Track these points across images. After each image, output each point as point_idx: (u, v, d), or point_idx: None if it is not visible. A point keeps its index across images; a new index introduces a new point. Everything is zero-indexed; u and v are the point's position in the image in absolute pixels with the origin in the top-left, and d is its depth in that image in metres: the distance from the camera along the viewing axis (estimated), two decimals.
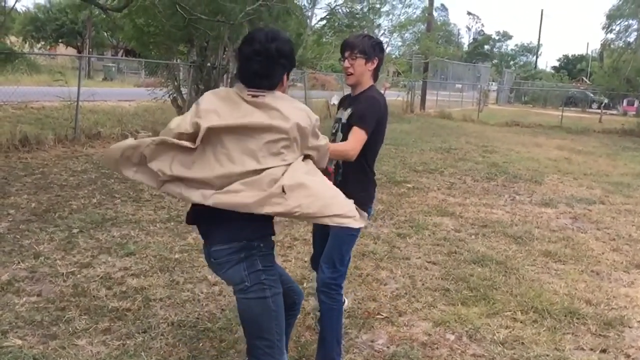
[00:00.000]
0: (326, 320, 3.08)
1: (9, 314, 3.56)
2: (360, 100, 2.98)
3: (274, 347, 2.30)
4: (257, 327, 2.29)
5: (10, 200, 6.06)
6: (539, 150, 13.95)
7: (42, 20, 42.80)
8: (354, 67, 2.96)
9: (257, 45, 2.17)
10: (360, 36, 3.08)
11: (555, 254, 5.49)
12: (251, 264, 2.23)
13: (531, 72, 54.94)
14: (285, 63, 2.24)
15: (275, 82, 2.23)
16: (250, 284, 2.24)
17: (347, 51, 2.97)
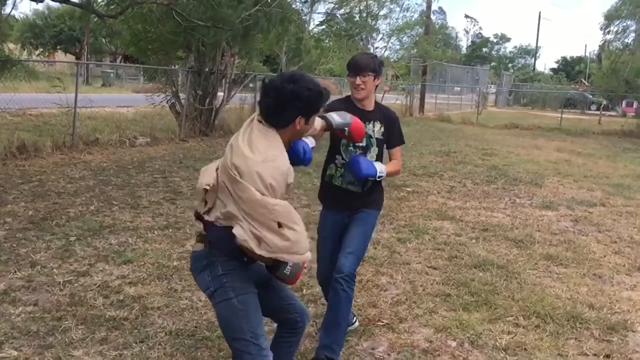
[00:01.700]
0: (344, 308, 3.22)
1: (5, 324, 3.51)
2: (388, 118, 3.39)
3: (250, 345, 2.33)
4: (229, 329, 2.38)
5: (7, 209, 6.01)
6: (539, 152, 13.92)
7: (40, 27, 42.82)
8: (366, 84, 3.24)
9: (277, 82, 2.31)
10: (368, 56, 3.37)
11: (557, 258, 5.45)
12: (213, 269, 2.35)
13: (530, 75, 55.00)
14: (299, 106, 2.31)
15: (285, 121, 2.33)
16: (214, 288, 2.35)
17: (359, 69, 3.22)
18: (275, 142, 2.31)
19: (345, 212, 3.37)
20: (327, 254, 3.41)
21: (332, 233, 3.41)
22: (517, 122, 22.31)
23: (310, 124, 2.44)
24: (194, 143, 11.79)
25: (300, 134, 2.44)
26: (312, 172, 9.00)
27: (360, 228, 3.32)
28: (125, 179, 7.87)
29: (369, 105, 3.34)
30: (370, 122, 3.30)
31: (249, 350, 2.33)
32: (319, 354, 3.18)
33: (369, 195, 3.35)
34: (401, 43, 29.18)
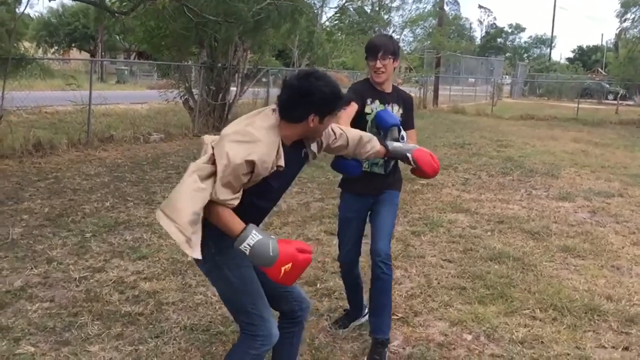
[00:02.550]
0: (387, 290, 3.28)
1: (22, 320, 3.54)
2: (405, 100, 3.40)
3: (252, 316, 2.36)
4: (230, 304, 2.43)
5: (24, 206, 6.07)
6: (555, 143, 13.77)
7: (55, 25, 43.19)
8: (386, 67, 3.21)
9: (295, 78, 2.33)
10: (385, 37, 3.37)
11: (574, 249, 5.38)
12: (206, 249, 2.25)
13: (545, 65, 54.39)
14: (312, 104, 2.29)
15: (295, 117, 2.31)
16: (209, 266, 2.37)
17: (378, 52, 3.18)
18: (270, 130, 2.29)
19: (370, 195, 3.37)
20: (352, 236, 3.45)
21: (357, 215, 3.42)
22: (532, 113, 22.08)
23: (326, 125, 2.41)
24: None
25: (315, 132, 2.41)
26: (324, 165, 8.98)
27: (389, 210, 3.35)
28: (139, 175, 7.91)
29: (388, 88, 3.35)
30: (389, 104, 3.32)
31: (252, 321, 2.37)
32: (373, 337, 3.27)
33: (392, 176, 3.38)
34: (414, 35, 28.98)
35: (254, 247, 2.18)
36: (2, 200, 6.23)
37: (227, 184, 2.19)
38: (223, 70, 12.69)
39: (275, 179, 2.35)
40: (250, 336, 2.39)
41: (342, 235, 3.50)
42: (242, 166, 2.18)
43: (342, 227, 3.49)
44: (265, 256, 2.18)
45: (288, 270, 2.19)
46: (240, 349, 2.44)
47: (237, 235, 2.20)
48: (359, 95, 3.26)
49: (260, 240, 2.18)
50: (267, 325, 2.39)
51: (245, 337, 2.41)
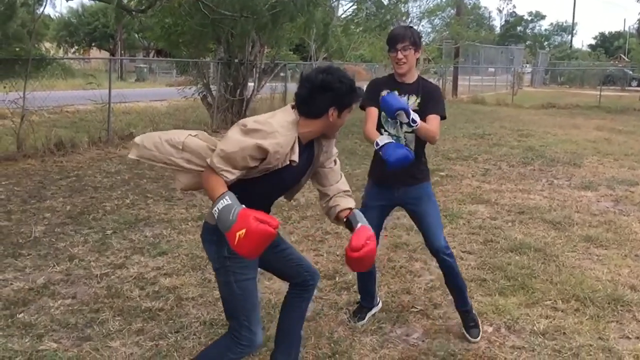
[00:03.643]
0: (457, 273, 3.46)
1: (45, 317, 3.60)
2: (426, 90, 3.27)
3: (242, 327, 2.45)
4: (226, 306, 2.51)
5: (46, 204, 6.15)
6: (577, 131, 13.56)
7: (75, 25, 43.68)
8: (407, 58, 3.18)
9: (312, 73, 2.37)
10: (406, 28, 3.31)
11: (597, 239, 5.30)
12: (219, 249, 2.39)
13: (567, 52, 53.58)
14: (330, 97, 2.33)
15: (314, 111, 2.35)
16: (218, 266, 2.45)
17: (398, 43, 3.16)
18: (286, 121, 2.34)
19: (394, 187, 3.36)
20: (372, 224, 3.36)
21: (379, 204, 3.42)
22: (554, 102, 21.78)
23: (343, 120, 2.44)
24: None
25: (334, 127, 2.44)
26: (344, 159, 8.97)
27: (428, 206, 3.38)
28: (159, 172, 7.96)
29: (410, 79, 3.29)
30: (405, 94, 3.26)
31: (240, 331, 2.45)
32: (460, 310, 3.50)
33: (415, 167, 3.26)
34: (433, 26, 28.74)
35: (220, 211, 2.19)
36: (25, 199, 6.33)
37: (228, 157, 2.22)
38: (240, 66, 12.72)
39: (288, 173, 2.38)
40: (234, 341, 2.47)
41: None
42: (251, 148, 2.21)
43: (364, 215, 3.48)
44: (226, 219, 2.17)
45: (242, 237, 2.14)
46: (220, 347, 2.53)
47: (215, 199, 2.22)
48: (374, 93, 3.27)
49: (226, 206, 2.18)
50: (253, 337, 2.47)
51: (230, 339, 2.49)
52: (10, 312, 3.65)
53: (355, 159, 8.97)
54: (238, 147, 2.22)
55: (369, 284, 3.67)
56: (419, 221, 3.41)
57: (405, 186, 3.35)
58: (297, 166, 2.38)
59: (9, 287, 4.04)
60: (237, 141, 2.23)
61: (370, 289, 3.68)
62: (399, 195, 3.38)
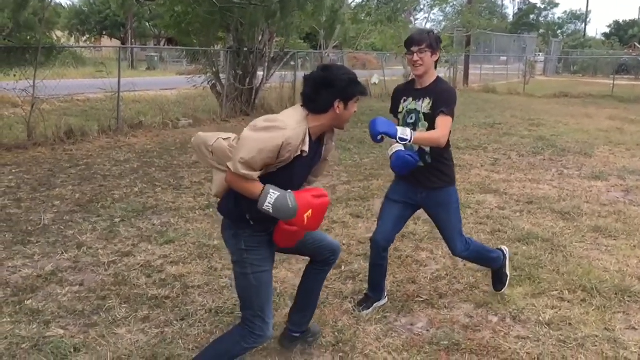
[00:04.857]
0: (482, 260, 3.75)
1: (52, 304, 3.63)
2: (438, 91, 3.29)
3: (256, 317, 2.56)
4: (242, 297, 2.62)
5: (56, 192, 6.20)
6: (589, 121, 13.43)
7: (86, 14, 43.76)
8: (423, 60, 3.26)
9: (313, 73, 2.53)
10: (423, 32, 3.38)
11: (606, 229, 5.27)
12: (237, 242, 2.56)
13: (580, 41, 52.92)
14: (333, 92, 2.47)
15: (321, 106, 2.49)
16: (235, 259, 2.58)
17: (414, 46, 3.25)
18: (296, 117, 2.47)
19: (418, 188, 3.43)
20: (391, 217, 3.51)
21: (402, 201, 3.50)
22: (566, 91, 21.56)
23: (350, 111, 2.55)
24: (235, 123, 11.87)
25: (342, 119, 2.55)
26: (352, 148, 8.96)
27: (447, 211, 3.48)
28: (168, 161, 8.00)
29: (427, 82, 3.34)
30: (419, 99, 3.33)
31: (254, 321, 2.57)
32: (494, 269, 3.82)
33: (436, 171, 3.38)
34: (445, 14, 28.50)
35: (275, 205, 2.36)
36: (35, 187, 6.38)
37: (249, 163, 2.33)
38: (250, 54, 12.69)
39: (299, 165, 2.48)
40: (248, 331, 2.57)
41: (382, 214, 3.56)
42: (268, 148, 2.33)
43: (385, 207, 3.57)
44: (287, 209, 2.36)
45: (310, 217, 2.39)
46: (234, 338, 2.62)
47: (258, 197, 2.37)
48: (393, 101, 3.48)
49: (279, 197, 2.35)
50: (266, 327, 2.58)
51: (243, 330, 2.59)
52: (19, 298, 3.69)
53: (364, 148, 8.94)
54: (256, 150, 2.33)
55: (381, 278, 3.68)
56: (438, 226, 3.58)
57: (428, 190, 3.43)
58: (307, 158, 2.48)
59: (17, 274, 4.09)
60: (254, 145, 2.33)
61: (380, 283, 3.69)
62: (422, 198, 3.47)
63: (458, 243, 3.51)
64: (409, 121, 3.34)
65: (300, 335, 3.10)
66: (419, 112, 3.32)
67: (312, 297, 3.06)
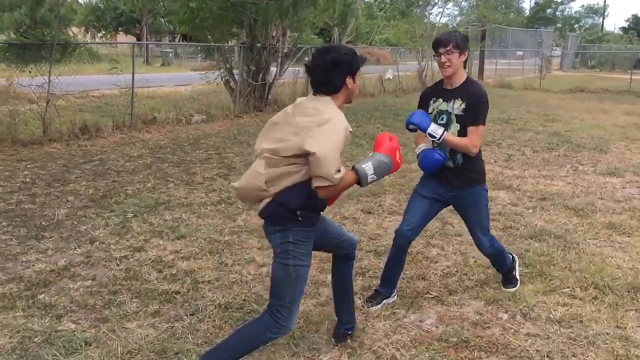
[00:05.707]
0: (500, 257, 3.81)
1: (64, 298, 3.67)
2: (470, 95, 3.32)
3: (284, 308, 2.66)
4: (276, 287, 2.69)
5: (70, 188, 6.26)
6: (605, 116, 13.28)
7: (102, 10, 44.03)
8: (451, 61, 3.29)
9: (317, 59, 2.65)
10: (450, 33, 3.40)
11: (620, 226, 5.21)
12: (285, 236, 2.64)
13: (598, 35, 52.31)
14: (343, 68, 2.63)
15: (335, 86, 2.65)
16: (280, 251, 2.66)
17: (442, 47, 3.28)
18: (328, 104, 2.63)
19: (448, 187, 3.49)
20: (419, 212, 3.55)
21: (431, 197, 3.54)
22: (583, 86, 21.34)
23: (357, 83, 2.73)
24: (248, 119, 11.90)
25: (353, 92, 2.73)
26: (364, 143, 8.94)
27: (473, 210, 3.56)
28: (180, 156, 8.04)
29: (457, 82, 3.37)
30: (450, 100, 3.36)
31: (282, 312, 2.65)
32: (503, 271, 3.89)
33: (466, 171, 3.43)
34: (460, 8, 28.31)
35: (375, 172, 2.66)
36: (50, 183, 6.45)
37: (338, 167, 2.49)
38: (263, 50, 12.69)
39: None
40: (274, 321, 2.65)
41: (410, 208, 3.59)
42: (341, 142, 2.52)
43: (413, 201, 3.60)
44: (385, 166, 2.70)
45: (399, 156, 2.76)
46: (259, 327, 2.70)
47: (357, 180, 2.63)
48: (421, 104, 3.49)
49: (373, 165, 2.66)
50: (291, 319, 2.69)
51: (269, 319, 2.66)
52: (32, 292, 3.73)
53: None
54: (337, 153, 2.49)
55: (397, 272, 3.69)
56: (467, 223, 3.67)
57: (458, 189, 3.47)
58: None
59: (31, 268, 4.14)
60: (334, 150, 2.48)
61: (395, 277, 3.70)
62: (452, 196, 3.52)
63: (485, 240, 3.62)
64: (440, 122, 3.37)
65: (352, 331, 3.22)
66: (450, 114, 3.36)
67: (348, 293, 3.19)
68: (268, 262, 4.30)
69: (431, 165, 3.33)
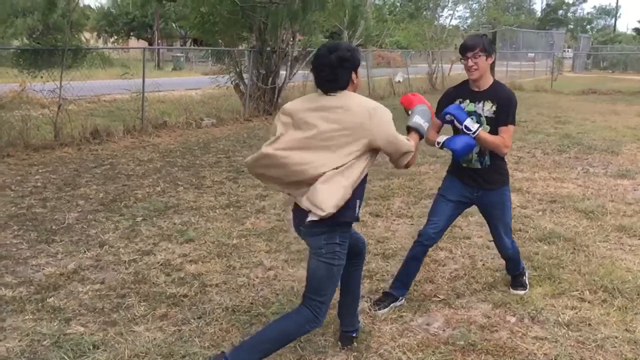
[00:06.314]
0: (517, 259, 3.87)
1: (73, 302, 3.70)
2: (501, 97, 3.40)
3: (322, 305, 2.80)
4: (317, 285, 2.79)
5: (80, 192, 6.31)
6: (617, 118, 13.18)
7: (114, 15, 44.40)
8: (478, 64, 3.35)
9: (322, 58, 2.70)
10: (477, 37, 3.48)
11: (630, 229, 5.16)
12: (331, 237, 2.72)
13: (610, 36, 51.94)
14: (348, 65, 2.71)
15: (343, 83, 2.72)
16: (325, 251, 2.73)
17: (469, 52, 3.34)
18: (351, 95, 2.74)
19: (473, 188, 3.54)
20: (445, 216, 3.60)
21: (457, 200, 3.59)
22: (595, 87, 21.19)
23: (359, 76, 2.83)
24: (258, 122, 11.93)
25: (358, 87, 2.84)
26: None
27: (503, 212, 3.65)
28: (190, 160, 8.08)
29: (484, 85, 3.43)
30: (480, 101, 3.41)
31: (321, 307, 2.79)
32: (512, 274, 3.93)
33: (494, 172, 3.50)
34: (471, 11, 28.25)
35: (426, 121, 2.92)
36: (60, 187, 6.50)
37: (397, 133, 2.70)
38: (272, 54, 12.73)
39: None
40: (313, 315, 2.78)
41: (436, 211, 3.62)
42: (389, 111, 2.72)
43: (438, 204, 3.63)
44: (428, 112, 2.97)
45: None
46: (298, 320, 2.81)
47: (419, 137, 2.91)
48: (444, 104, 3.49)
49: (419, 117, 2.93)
50: (326, 314, 2.83)
51: (309, 313, 2.79)
52: (41, 296, 3.77)
53: None
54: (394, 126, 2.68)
55: (412, 275, 3.72)
56: (489, 224, 3.72)
57: (484, 190, 3.52)
58: None
59: (41, 272, 4.17)
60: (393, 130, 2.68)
61: (409, 280, 3.72)
62: (477, 197, 3.58)
63: (508, 241, 3.69)
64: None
65: (356, 333, 3.24)
66: (480, 115, 3.40)
67: (355, 294, 3.26)
68: (275, 265, 4.32)
69: (463, 147, 3.27)
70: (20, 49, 9.67)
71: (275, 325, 2.84)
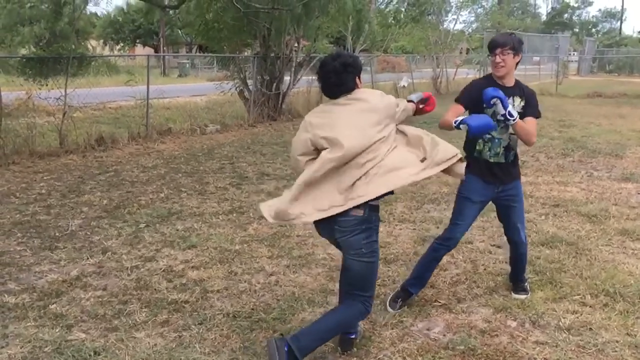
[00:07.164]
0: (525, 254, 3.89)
1: (75, 308, 3.72)
2: (527, 93, 3.57)
3: (372, 297, 3.03)
4: (364, 282, 2.97)
5: (84, 198, 6.35)
6: (623, 121, 13.13)
7: (120, 23, 44.66)
8: (505, 62, 3.44)
9: (327, 66, 2.92)
10: (506, 35, 3.57)
11: (633, 232, 5.15)
12: (370, 235, 2.88)
13: (615, 39, 51.80)
14: (351, 70, 2.93)
15: (350, 86, 2.94)
16: (366, 250, 2.87)
17: (498, 48, 3.42)
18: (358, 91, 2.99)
19: (496, 184, 3.60)
20: (469, 219, 3.67)
21: (480, 201, 3.64)
22: (600, 91, 21.13)
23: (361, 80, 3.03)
24: (262, 128, 11.97)
25: None
26: None
27: (519, 203, 3.72)
28: (194, 166, 8.11)
29: (509, 82, 3.53)
30: (510, 97, 3.45)
31: (370, 301, 3.01)
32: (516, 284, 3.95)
33: (513, 166, 3.63)
34: (476, 15, 28.26)
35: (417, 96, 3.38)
36: (65, 194, 6.54)
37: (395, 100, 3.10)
38: (276, 60, 12.78)
39: None
40: (366, 308, 3.00)
41: (463, 214, 3.64)
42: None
43: (465, 206, 3.64)
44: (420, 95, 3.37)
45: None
46: (354, 312, 3.01)
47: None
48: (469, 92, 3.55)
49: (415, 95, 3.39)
50: (371, 309, 3.05)
51: (362, 307, 2.99)
52: (44, 303, 3.79)
53: None
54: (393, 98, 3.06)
55: (430, 273, 3.80)
56: (506, 216, 3.75)
57: (505, 184, 3.59)
58: None
59: (44, 278, 4.20)
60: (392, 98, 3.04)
61: (427, 279, 3.81)
62: (497, 192, 3.63)
63: (523, 232, 3.77)
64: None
65: (356, 335, 3.26)
66: None
67: None
68: (277, 271, 4.33)
69: (480, 126, 3.20)
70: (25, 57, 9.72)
71: (332, 317, 3.02)
